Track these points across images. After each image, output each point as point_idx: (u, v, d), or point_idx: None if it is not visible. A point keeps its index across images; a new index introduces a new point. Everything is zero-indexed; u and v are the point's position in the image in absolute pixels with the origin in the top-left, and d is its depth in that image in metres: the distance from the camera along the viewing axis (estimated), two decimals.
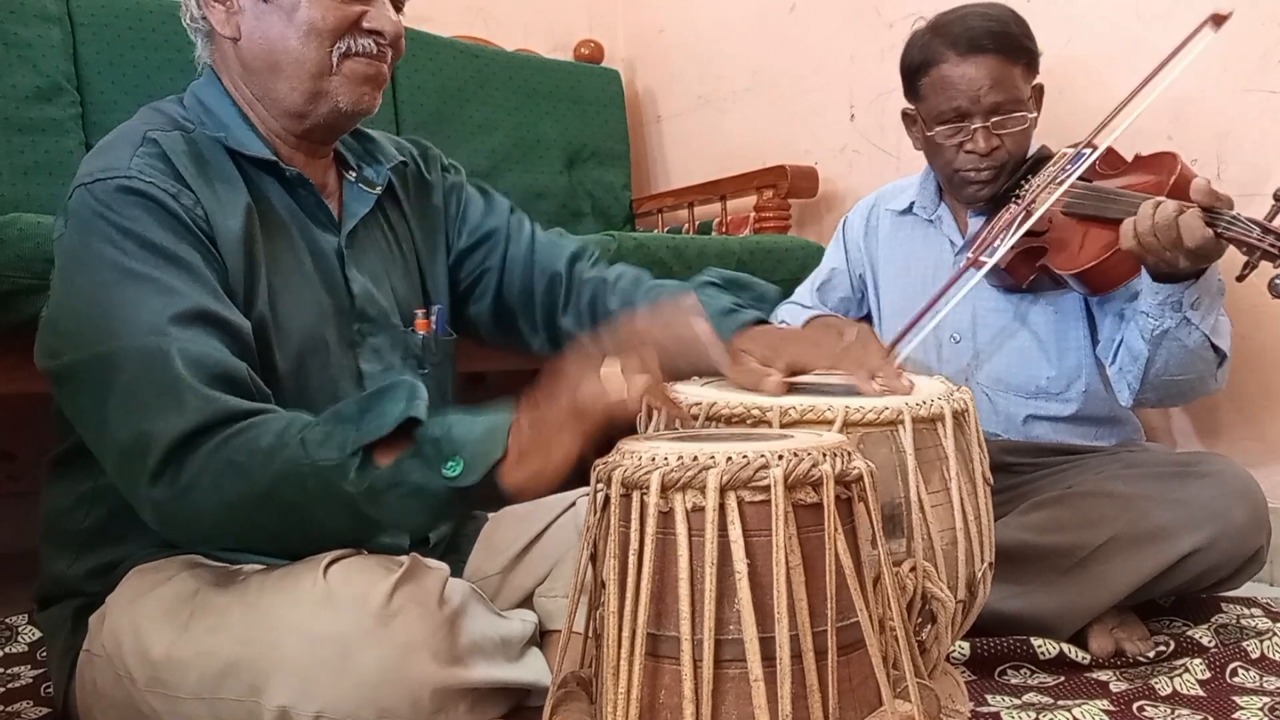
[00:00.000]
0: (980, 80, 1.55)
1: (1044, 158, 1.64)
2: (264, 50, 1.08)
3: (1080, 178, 1.56)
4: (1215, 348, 1.44)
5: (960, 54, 1.56)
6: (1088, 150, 1.55)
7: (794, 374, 1.01)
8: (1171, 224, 1.32)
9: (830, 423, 0.84)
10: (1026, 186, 1.61)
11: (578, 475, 0.83)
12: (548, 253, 1.29)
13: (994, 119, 1.57)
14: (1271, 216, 1.30)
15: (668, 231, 2.65)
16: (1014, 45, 1.57)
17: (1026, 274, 1.59)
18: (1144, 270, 1.42)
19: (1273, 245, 1.27)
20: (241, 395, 0.94)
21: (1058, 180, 1.54)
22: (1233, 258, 1.34)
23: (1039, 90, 1.65)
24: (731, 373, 1.02)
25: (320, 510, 0.89)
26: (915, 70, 1.64)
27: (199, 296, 0.96)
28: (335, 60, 1.08)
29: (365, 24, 1.08)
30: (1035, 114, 1.62)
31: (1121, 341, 1.52)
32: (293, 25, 1.06)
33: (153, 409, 0.90)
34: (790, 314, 1.85)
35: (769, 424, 0.85)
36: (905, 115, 1.71)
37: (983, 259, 1.54)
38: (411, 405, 0.88)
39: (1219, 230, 1.30)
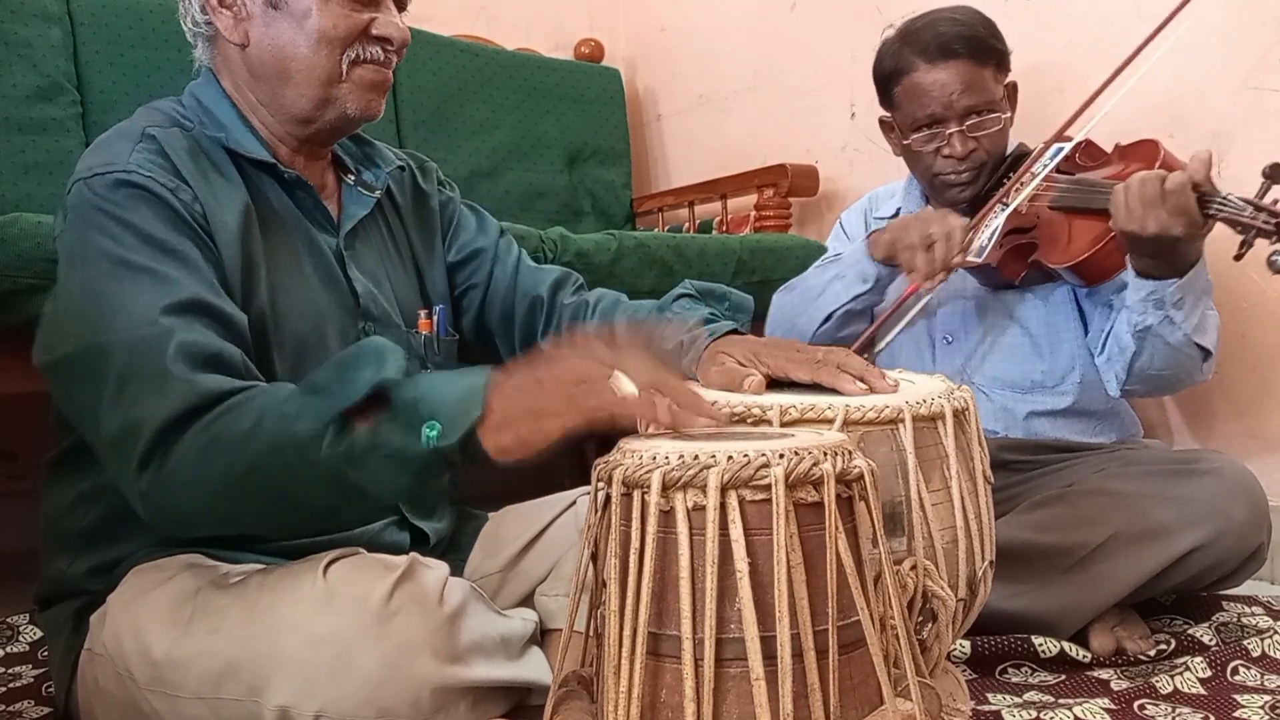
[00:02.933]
0: (952, 85, 1.56)
1: (1023, 155, 1.65)
2: (273, 57, 1.08)
3: (1063, 171, 1.57)
4: (1199, 345, 1.45)
5: (930, 60, 1.57)
6: (1064, 144, 1.55)
7: (773, 381, 1.00)
8: (1157, 195, 1.32)
9: (830, 421, 0.84)
10: (1006, 185, 1.61)
11: (579, 473, 0.83)
12: (531, 278, 1.30)
13: (969, 122, 1.58)
14: (1261, 194, 1.30)
15: (668, 230, 2.65)
16: (983, 48, 1.58)
17: (1018, 270, 1.59)
18: (1129, 265, 1.43)
19: (1265, 222, 1.28)
20: (232, 378, 0.93)
21: (1032, 173, 1.55)
22: (1223, 249, 1.35)
23: (1012, 88, 1.65)
24: (707, 376, 1.01)
25: (303, 484, 0.87)
26: (887, 79, 1.64)
27: (195, 288, 0.96)
28: (345, 68, 1.08)
29: (374, 31, 1.09)
30: (1010, 113, 1.63)
31: (1110, 332, 1.53)
32: (303, 33, 1.06)
33: (141, 398, 0.90)
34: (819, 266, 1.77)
35: (769, 423, 0.85)
36: (883, 123, 1.73)
37: (969, 259, 1.55)
38: (380, 369, 0.86)
39: (1210, 211, 1.31)
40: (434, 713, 0.91)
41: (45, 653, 1.32)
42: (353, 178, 1.19)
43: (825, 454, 0.70)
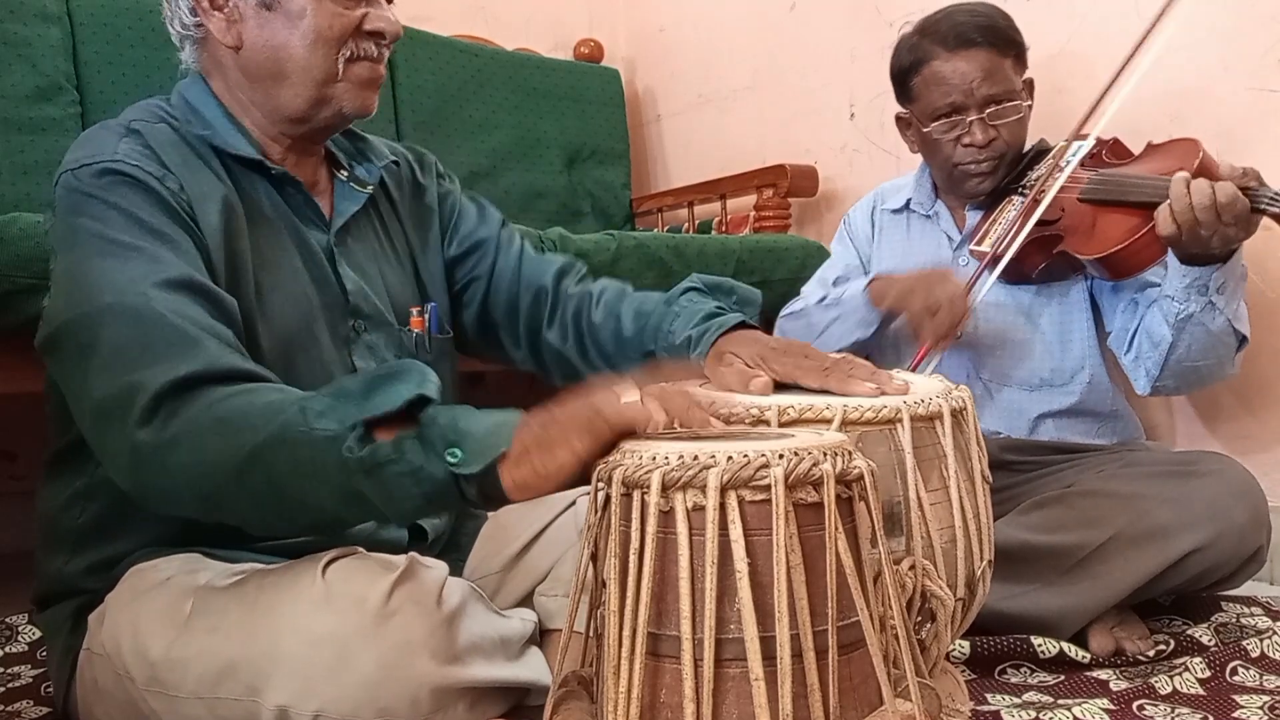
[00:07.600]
0: (972, 73, 1.58)
1: (1043, 150, 1.65)
2: (268, 58, 1.08)
3: (1089, 166, 1.56)
4: (1236, 331, 1.46)
5: (950, 49, 1.59)
6: (1084, 139, 1.55)
7: (780, 385, 0.99)
8: (1210, 202, 1.33)
9: (828, 421, 0.84)
10: (1029, 178, 1.61)
11: (580, 476, 0.82)
12: (535, 267, 1.30)
13: (989, 110, 1.59)
14: None
15: (667, 231, 2.65)
16: (1003, 38, 1.60)
17: (1039, 261, 1.59)
18: (1170, 254, 1.43)
19: None
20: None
21: (1060, 167, 1.54)
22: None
23: (1029, 84, 1.67)
24: (715, 375, 1.02)
25: (308, 482, 0.86)
26: (906, 71, 1.66)
27: (186, 268, 0.96)
28: (341, 66, 1.08)
29: (366, 26, 1.09)
30: (1029, 104, 1.63)
31: (1138, 329, 1.53)
32: (298, 33, 1.06)
33: (142, 360, 0.89)
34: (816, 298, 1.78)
35: (767, 423, 0.85)
36: (899, 119, 1.73)
37: (984, 249, 1.54)
38: (422, 386, 0.85)
39: (1260, 207, 1.31)
40: (433, 713, 0.91)
41: (44, 653, 1.31)
42: (345, 173, 1.19)
43: (825, 454, 0.70)
